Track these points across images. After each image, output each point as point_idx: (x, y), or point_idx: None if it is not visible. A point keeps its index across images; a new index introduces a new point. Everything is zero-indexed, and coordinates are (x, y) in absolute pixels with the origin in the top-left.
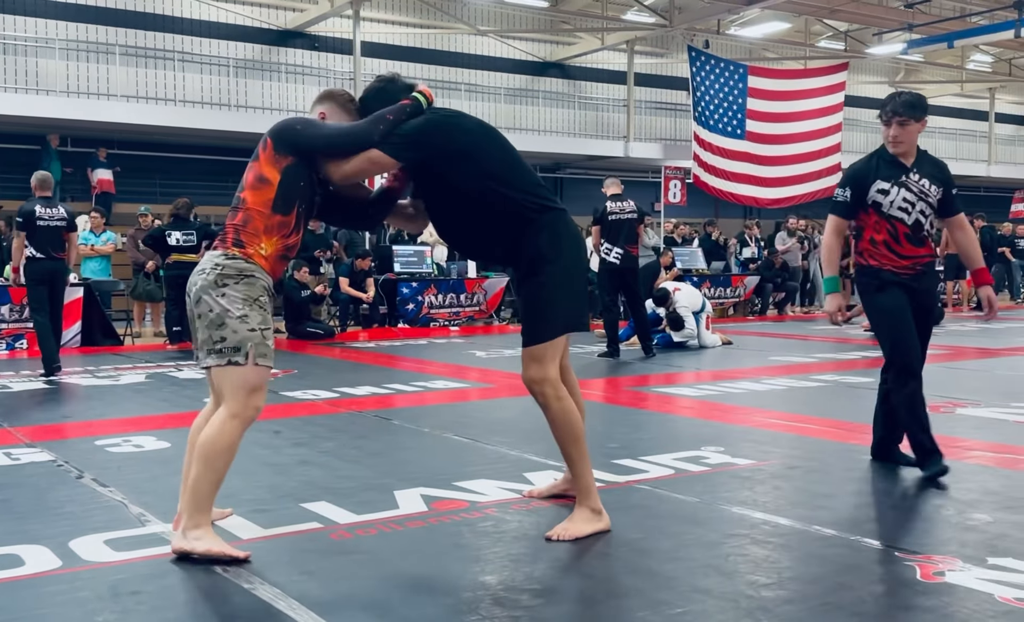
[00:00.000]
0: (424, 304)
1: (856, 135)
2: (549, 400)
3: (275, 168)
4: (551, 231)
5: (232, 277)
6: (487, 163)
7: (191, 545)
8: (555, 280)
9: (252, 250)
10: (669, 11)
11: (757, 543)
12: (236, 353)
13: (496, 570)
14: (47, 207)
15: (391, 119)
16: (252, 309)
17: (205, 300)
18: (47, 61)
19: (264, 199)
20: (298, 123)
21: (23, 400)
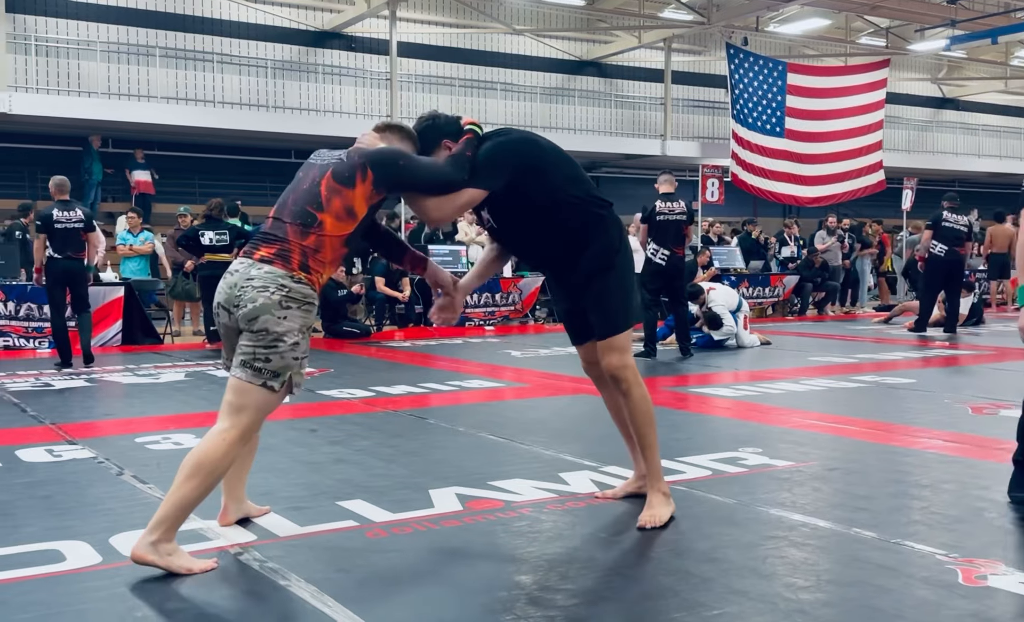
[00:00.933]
0: None
1: (898, 133)
2: (631, 386)
3: (366, 204)
4: (616, 226)
5: (296, 302)
6: (556, 171)
7: (164, 561)
8: (624, 271)
9: (315, 278)
10: (707, 8)
11: (795, 545)
12: (275, 378)
13: (531, 570)
14: (64, 210)
15: (470, 156)
16: (303, 337)
17: (264, 320)
18: (88, 63)
19: (344, 232)
20: (400, 157)
21: (65, 398)
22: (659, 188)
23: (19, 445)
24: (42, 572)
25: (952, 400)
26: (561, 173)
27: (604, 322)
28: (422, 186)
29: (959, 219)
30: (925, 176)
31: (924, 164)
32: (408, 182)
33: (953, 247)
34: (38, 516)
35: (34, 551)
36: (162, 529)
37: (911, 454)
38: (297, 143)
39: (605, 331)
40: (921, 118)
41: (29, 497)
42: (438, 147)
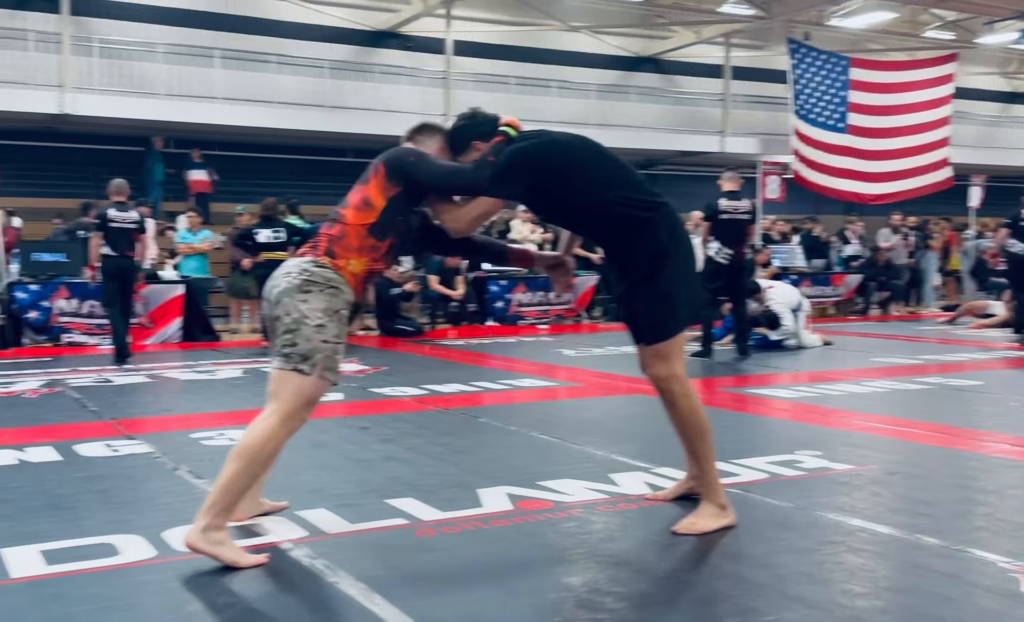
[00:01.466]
0: (513, 302)
1: (966, 129)
2: (676, 397)
3: (382, 195)
4: (668, 225)
5: (318, 285)
6: (591, 172)
7: (213, 549)
8: (676, 274)
9: (342, 263)
10: (768, 3)
11: (853, 551)
12: (304, 361)
13: (580, 572)
14: (120, 210)
15: (493, 160)
16: (331, 320)
17: (286, 303)
18: (150, 65)
19: (364, 221)
20: (412, 155)
21: (125, 394)
22: (723, 185)
23: (79, 440)
24: (98, 565)
25: (1021, 403)
26: (597, 173)
27: (649, 328)
28: (437, 183)
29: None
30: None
31: (993, 161)
32: (418, 175)
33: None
34: (95, 510)
35: (90, 544)
36: (211, 515)
37: (976, 458)
38: (353, 143)
39: (649, 337)
40: (990, 113)
41: (87, 491)
42: (468, 148)
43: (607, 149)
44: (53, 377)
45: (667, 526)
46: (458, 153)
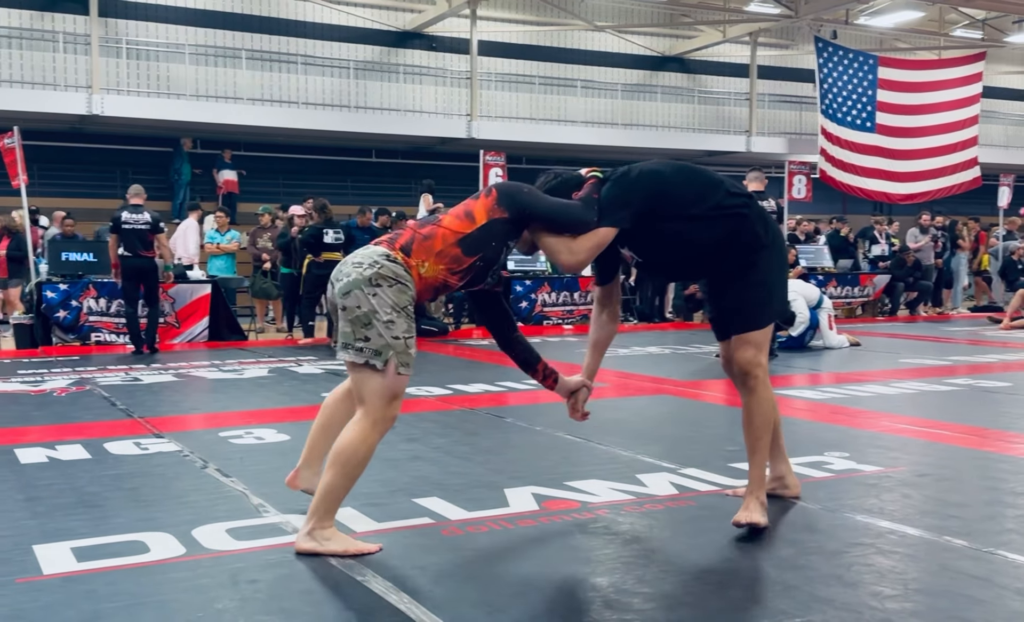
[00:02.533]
0: (537, 302)
1: (994, 128)
2: (759, 384)
3: (486, 215)
4: (762, 220)
5: (387, 280)
6: (683, 192)
7: (323, 546)
8: (771, 267)
9: (415, 262)
10: (795, 1)
11: (883, 553)
12: (377, 357)
13: (607, 572)
14: (133, 213)
15: (596, 197)
16: (399, 316)
17: (356, 294)
18: (177, 66)
19: (458, 229)
20: (525, 187)
21: (153, 392)
22: (748, 186)
23: (108, 438)
24: (128, 562)
25: None
26: (690, 192)
27: (741, 317)
28: (548, 217)
29: None
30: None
31: (1022, 160)
32: (532, 209)
33: None
34: (125, 507)
35: (120, 542)
36: (314, 519)
37: (1006, 460)
38: (379, 143)
39: (741, 326)
40: (1019, 112)
41: (116, 489)
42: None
43: (693, 168)
44: (82, 376)
45: (694, 527)
46: None
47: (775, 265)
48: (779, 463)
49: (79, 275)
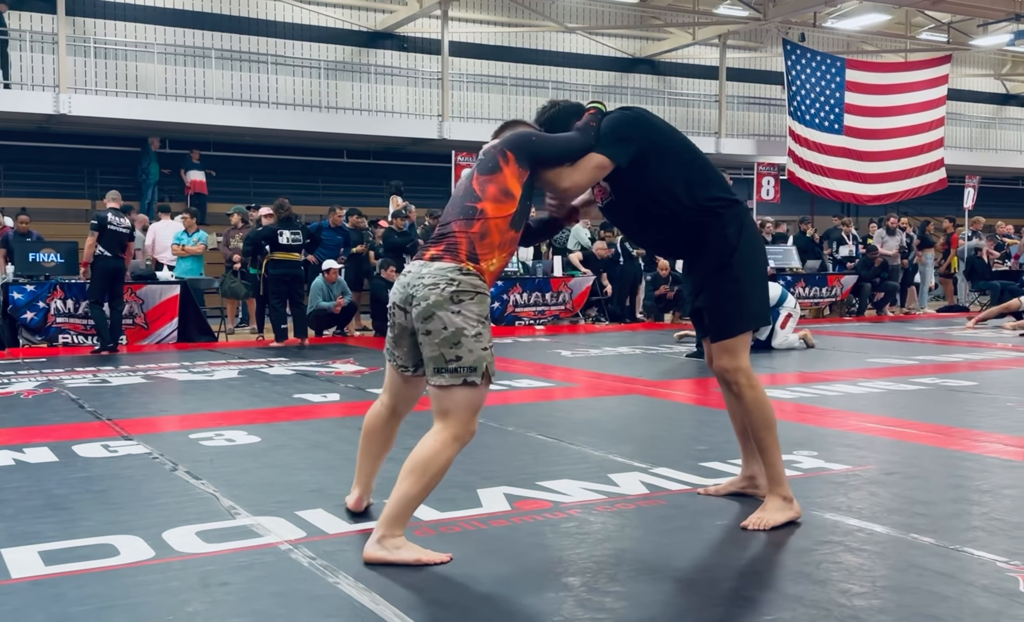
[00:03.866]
0: (509, 302)
1: (959, 130)
2: (743, 389)
3: (519, 182)
4: (737, 223)
5: (468, 294)
6: (680, 157)
7: (393, 555)
8: (744, 273)
9: (485, 265)
10: (763, 4)
11: (851, 551)
12: (472, 373)
13: (579, 572)
14: (117, 216)
15: (595, 126)
16: (484, 327)
17: (440, 316)
18: (146, 65)
19: (506, 213)
20: (531, 134)
21: (122, 394)
22: None
23: (76, 440)
24: (96, 566)
25: (1015, 403)
26: (684, 159)
27: (716, 324)
28: (558, 154)
29: None
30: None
31: (986, 162)
32: (544, 153)
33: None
34: (93, 510)
35: (89, 545)
36: (385, 527)
37: (971, 458)
38: (350, 143)
39: (717, 333)
40: (984, 115)
41: (85, 492)
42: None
43: (695, 146)
44: (49, 378)
45: (665, 526)
46: None
47: (749, 271)
48: (751, 463)
49: (46, 276)
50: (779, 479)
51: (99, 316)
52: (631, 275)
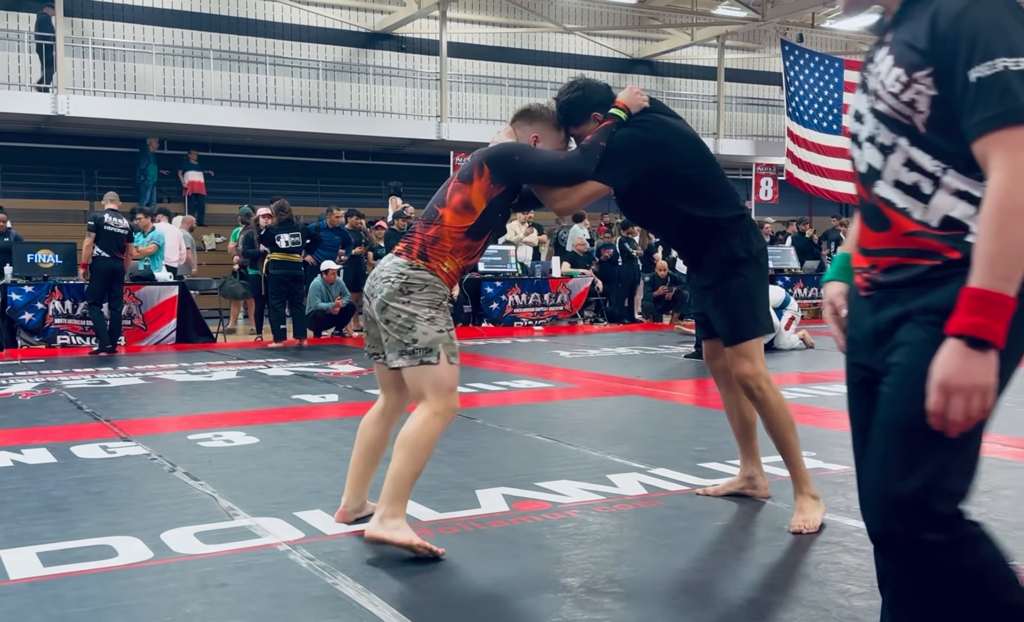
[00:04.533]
0: (508, 303)
1: None
2: (766, 393)
3: (484, 198)
4: (742, 234)
5: (416, 286)
6: (682, 176)
7: (389, 535)
8: (749, 281)
9: (435, 265)
10: (762, 5)
11: (849, 551)
12: (428, 353)
13: (578, 572)
14: (113, 216)
15: (603, 146)
16: (438, 312)
17: (392, 307)
18: (144, 66)
19: (462, 224)
20: (516, 152)
21: (120, 395)
22: None
23: (74, 441)
24: (95, 567)
25: (1013, 403)
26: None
27: (730, 328)
28: (542, 179)
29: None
30: None
31: None
32: (528, 175)
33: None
34: (92, 512)
35: (87, 546)
36: (385, 505)
37: None
38: (348, 144)
39: (731, 337)
40: None
41: (83, 493)
42: (586, 120)
43: (711, 159)
44: (48, 379)
45: (663, 526)
46: (575, 124)
47: (753, 278)
48: (750, 464)
49: (44, 277)
50: (806, 478)
51: (98, 317)
52: (629, 276)
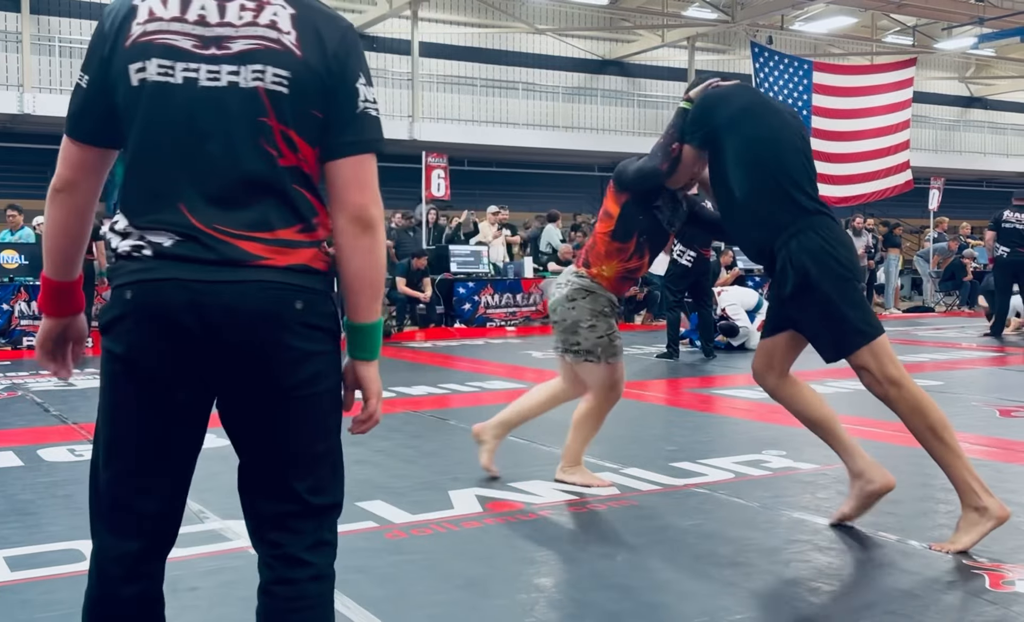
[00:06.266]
0: (481, 304)
1: (925, 132)
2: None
3: (616, 204)
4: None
5: (580, 293)
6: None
7: (567, 476)
8: (826, 292)
9: (596, 271)
10: (731, 7)
11: (820, 549)
12: (590, 355)
13: (551, 572)
14: None
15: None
16: (599, 319)
17: (559, 310)
18: None
19: (606, 229)
20: (623, 168)
21: (88, 397)
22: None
23: (41, 444)
24: (63, 571)
25: (980, 403)
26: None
27: (828, 348)
28: (631, 186)
29: (1021, 218)
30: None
31: (951, 164)
32: (624, 182)
33: (1016, 247)
34: (60, 515)
35: (56, 550)
36: (564, 460)
37: None
38: None
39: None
40: (948, 117)
41: (51, 496)
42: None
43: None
44: (13, 381)
45: (636, 526)
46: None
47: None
48: (853, 459)
49: (10, 278)
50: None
51: None
52: None
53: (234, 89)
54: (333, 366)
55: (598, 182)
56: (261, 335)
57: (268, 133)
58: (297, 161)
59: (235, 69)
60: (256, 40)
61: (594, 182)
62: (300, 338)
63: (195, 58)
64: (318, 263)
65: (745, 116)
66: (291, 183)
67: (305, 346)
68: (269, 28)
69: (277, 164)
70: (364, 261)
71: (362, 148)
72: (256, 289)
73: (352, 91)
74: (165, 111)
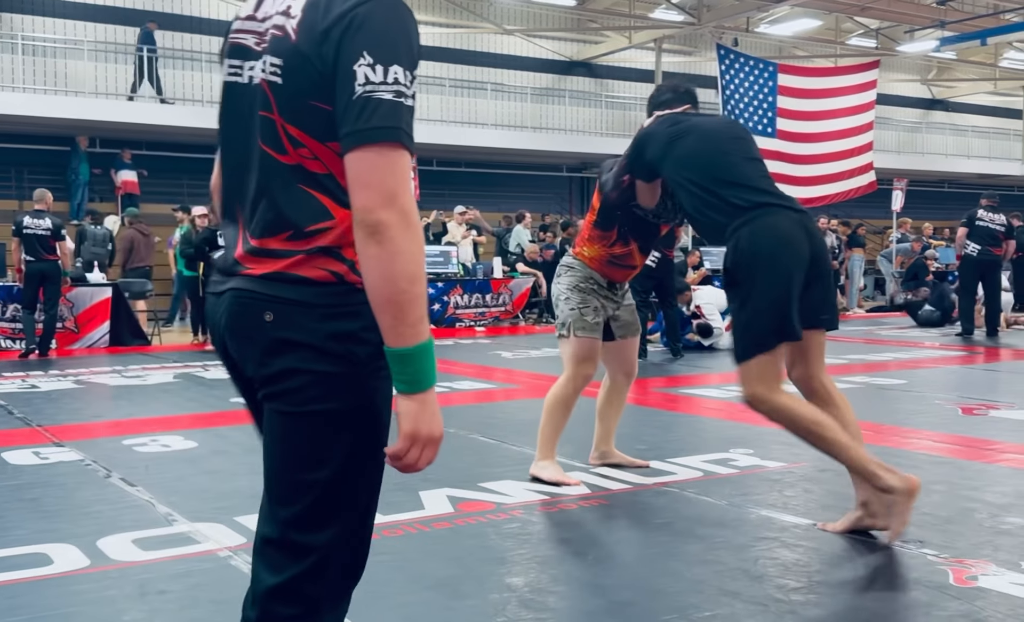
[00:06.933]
0: (450, 304)
1: (888, 134)
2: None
3: (598, 200)
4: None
5: (564, 268)
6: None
7: (539, 472)
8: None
9: (578, 250)
10: (697, 9)
11: (787, 546)
12: (563, 327)
13: (522, 572)
14: (35, 218)
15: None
16: (572, 293)
17: (552, 291)
18: (75, 62)
19: (589, 220)
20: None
21: (52, 400)
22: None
23: (5, 447)
24: (29, 575)
25: (943, 401)
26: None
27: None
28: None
29: (995, 218)
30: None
31: (914, 165)
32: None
33: (987, 247)
34: (25, 519)
35: (21, 554)
36: (538, 451)
37: (901, 455)
38: None
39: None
40: (911, 119)
41: (16, 500)
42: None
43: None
44: None
45: (606, 525)
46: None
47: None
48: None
49: None
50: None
51: (27, 320)
52: None
53: (251, 85)
54: (334, 388)
55: (566, 183)
56: (237, 347)
57: (270, 128)
58: (300, 158)
59: (253, 64)
60: (273, 29)
61: (562, 183)
62: (269, 354)
63: (253, 56)
64: (307, 270)
65: (671, 143)
66: (296, 183)
67: (280, 364)
68: (283, 15)
69: (277, 162)
70: (374, 274)
71: (359, 139)
72: (229, 299)
73: (348, 74)
74: (224, 113)
